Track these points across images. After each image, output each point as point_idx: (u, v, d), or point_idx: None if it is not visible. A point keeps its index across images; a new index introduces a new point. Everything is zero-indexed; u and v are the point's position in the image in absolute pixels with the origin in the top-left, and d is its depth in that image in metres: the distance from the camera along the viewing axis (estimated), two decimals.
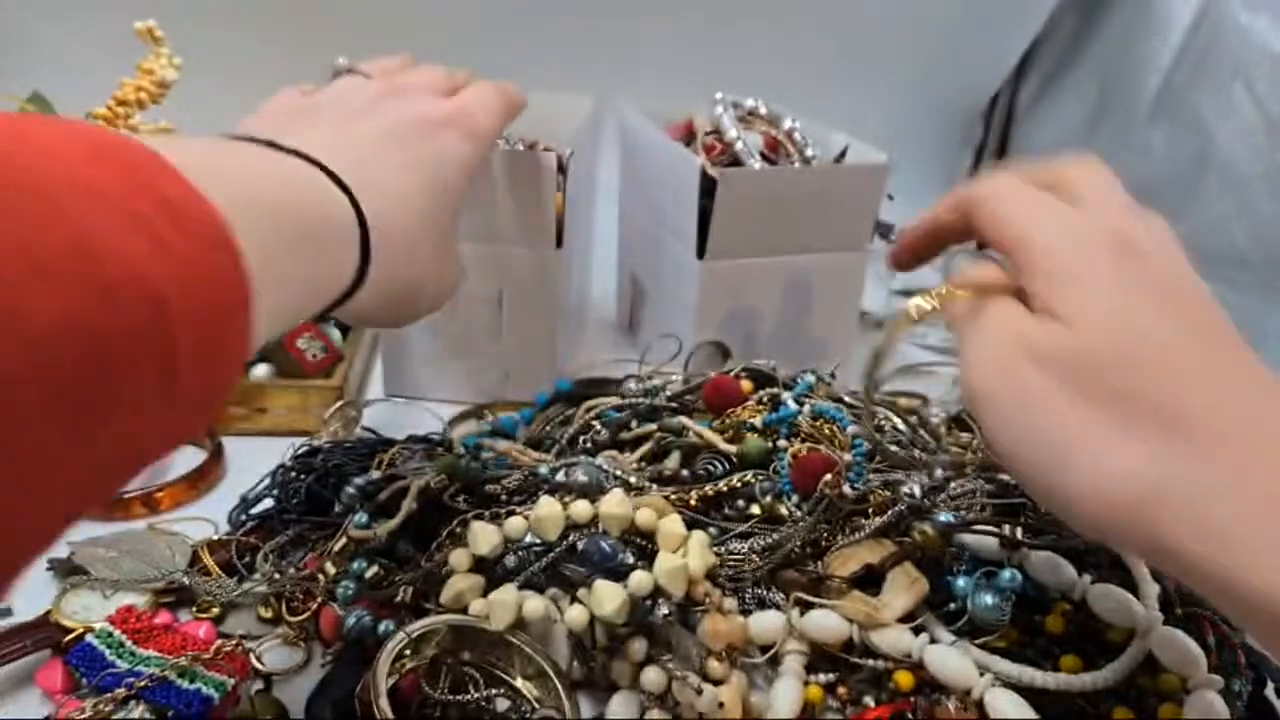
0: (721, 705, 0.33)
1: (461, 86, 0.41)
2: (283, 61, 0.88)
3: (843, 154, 0.56)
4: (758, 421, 0.45)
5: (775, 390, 0.47)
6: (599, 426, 0.47)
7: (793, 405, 0.45)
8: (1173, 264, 0.28)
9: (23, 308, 0.15)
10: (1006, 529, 0.38)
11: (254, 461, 0.46)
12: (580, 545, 0.35)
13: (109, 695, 0.31)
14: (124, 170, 0.19)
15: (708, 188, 0.50)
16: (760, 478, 0.42)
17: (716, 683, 0.33)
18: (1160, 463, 0.23)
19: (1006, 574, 0.36)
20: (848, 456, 0.42)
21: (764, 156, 0.54)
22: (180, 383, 0.19)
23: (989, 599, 0.35)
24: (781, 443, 0.43)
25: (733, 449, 0.43)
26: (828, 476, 0.39)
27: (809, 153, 0.56)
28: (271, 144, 0.28)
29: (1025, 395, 0.26)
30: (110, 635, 0.34)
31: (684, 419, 0.46)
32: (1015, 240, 0.28)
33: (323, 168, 0.28)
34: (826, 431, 0.44)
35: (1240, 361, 0.26)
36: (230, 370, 0.21)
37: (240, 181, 0.23)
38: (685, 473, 0.44)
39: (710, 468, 0.43)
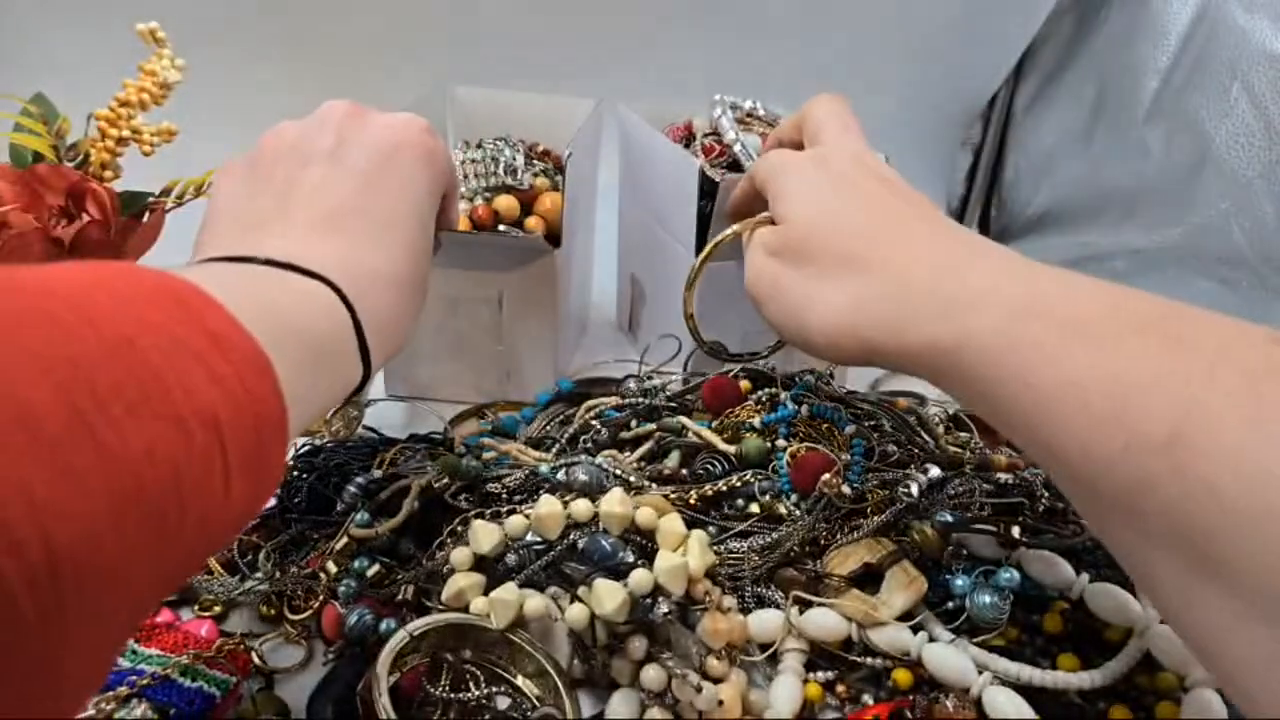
0: (721, 703, 0.33)
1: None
2: (283, 62, 0.88)
3: None
4: (756, 422, 0.45)
5: (774, 390, 0.47)
6: (599, 426, 0.47)
7: (790, 405, 0.45)
8: (850, 166, 0.37)
9: (119, 443, 0.18)
10: (1005, 528, 0.38)
11: None
12: (581, 544, 0.36)
13: (111, 693, 0.31)
14: (178, 310, 0.22)
15: (707, 189, 0.50)
16: (760, 477, 0.42)
17: (716, 681, 0.34)
18: (850, 290, 0.33)
19: (1005, 573, 0.36)
20: (845, 457, 0.42)
21: None
22: (233, 491, 0.22)
23: (987, 598, 0.36)
24: (780, 443, 0.44)
25: (732, 449, 0.44)
26: (826, 476, 0.39)
27: None
28: (285, 265, 0.30)
29: (770, 281, 0.36)
30: None
31: (683, 419, 0.46)
32: (764, 184, 0.39)
33: (329, 284, 0.30)
34: (825, 430, 0.45)
35: (898, 213, 0.35)
36: (272, 479, 0.24)
37: (267, 312, 0.26)
38: (685, 472, 0.44)
39: (709, 467, 0.43)
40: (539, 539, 0.37)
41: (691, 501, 0.41)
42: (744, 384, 0.47)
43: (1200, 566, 0.23)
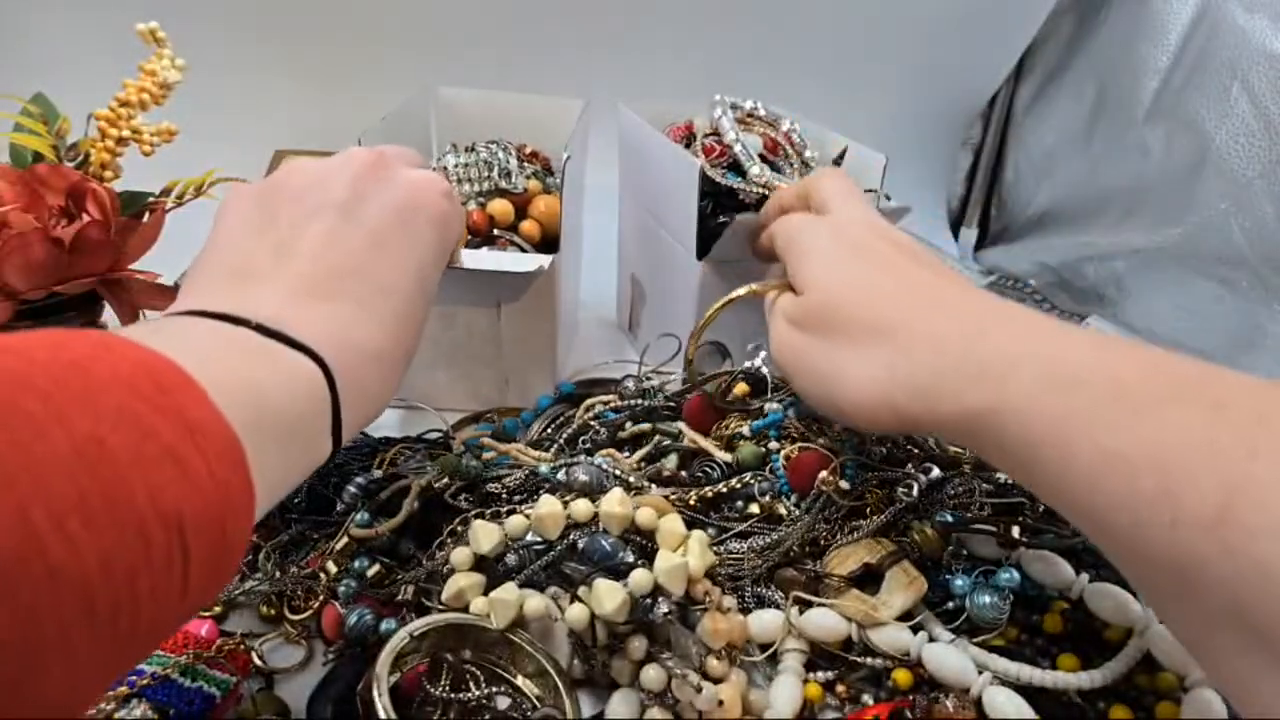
0: (721, 703, 0.33)
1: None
2: (282, 63, 0.89)
3: (842, 155, 0.56)
4: (746, 430, 0.45)
5: (760, 401, 0.47)
6: (597, 427, 0.47)
7: (778, 409, 0.45)
8: (867, 234, 0.37)
9: (73, 560, 0.18)
10: (1004, 528, 0.38)
11: None
12: (581, 544, 0.36)
13: (111, 693, 0.31)
14: (157, 396, 0.21)
15: (708, 189, 0.50)
16: (759, 478, 0.42)
17: (716, 681, 0.34)
18: (880, 360, 0.32)
19: (1004, 574, 0.36)
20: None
21: (763, 158, 0.54)
22: (191, 585, 0.21)
23: (987, 598, 0.36)
24: (773, 444, 0.44)
25: (728, 456, 0.44)
26: (824, 474, 0.39)
27: (807, 154, 0.56)
28: (274, 334, 0.29)
29: (795, 351, 0.36)
30: None
31: (682, 424, 0.47)
32: (783, 249, 0.39)
33: (317, 359, 0.29)
34: (816, 430, 0.45)
35: (921, 280, 0.34)
36: (231, 568, 0.24)
37: (249, 393, 0.25)
38: (684, 474, 0.44)
39: (708, 470, 0.43)
40: (539, 539, 0.37)
41: (691, 502, 0.41)
42: (741, 387, 0.47)
43: (1260, 647, 0.22)
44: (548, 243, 0.55)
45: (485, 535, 0.36)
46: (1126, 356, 0.27)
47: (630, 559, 0.35)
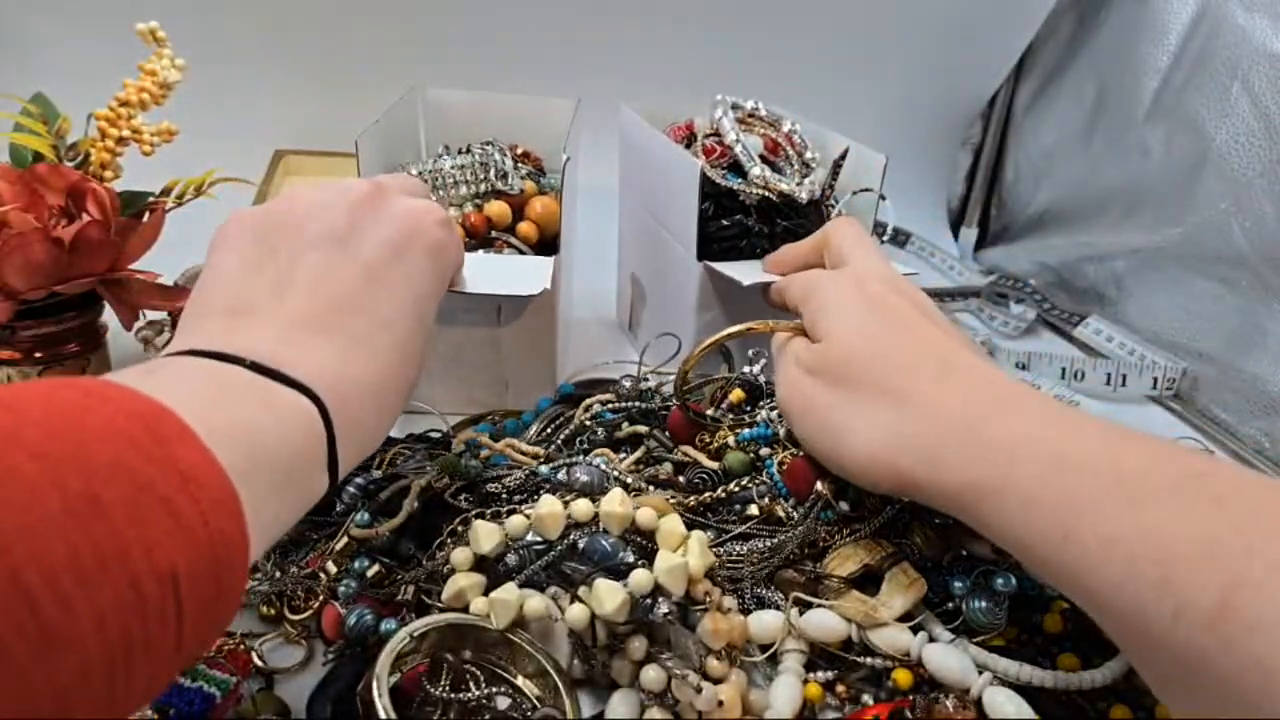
0: (721, 703, 0.33)
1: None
2: (283, 63, 0.88)
3: (843, 155, 0.56)
4: (732, 440, 0.45)
5: (741, 414, 0.46)
6: (595, 427, 0.47)
7: (765, 421, 0.45)
8: (886, 289, 0.38)
9: (66, 621, 0.18)
10: None
11: None
12: (581, 544, 0.36)
13: None
14: (152, 446, 0.21)
15: (708, 190, 0.50)
16: (757, 481, 0.42)
17: (716, 681, 0.34)
18: (888, 421, 0.33)
19: (1000, 579, 0.36)
20: None
21: (763, 159, 0.54)
22: (185, 637, 0.21)
23: (982, 604, 0.36)
24: (764, 450, 0.43)
25: (715, 465, 0.43)
26: (819, 485, 0.39)
27: (808, 155, 0.56)
28: (270, 372, 0.28)
29: (805, 398, 0.37)
30: None
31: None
32: (801, 299, 0.40)
33: (313, 397, 0.29)
34: None
35: (935, 342, 0.35)
36: (226, 615, 0.24)
37: (244, 437, 0.25)
38: (681, 479, 0.44)
39: (704, 477, 0.43)
40: (539, 539, 0.37)
41: (690, 504, 0.41)
42: (737, 393, 0.47)
43: None
44: (545, 244, 0.55)
45: (485, 535, 0.36)
46: (1131, 446, 0.28)
47: (630, 559, 0.35)
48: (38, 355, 0.48)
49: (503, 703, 0.34)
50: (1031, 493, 0.28)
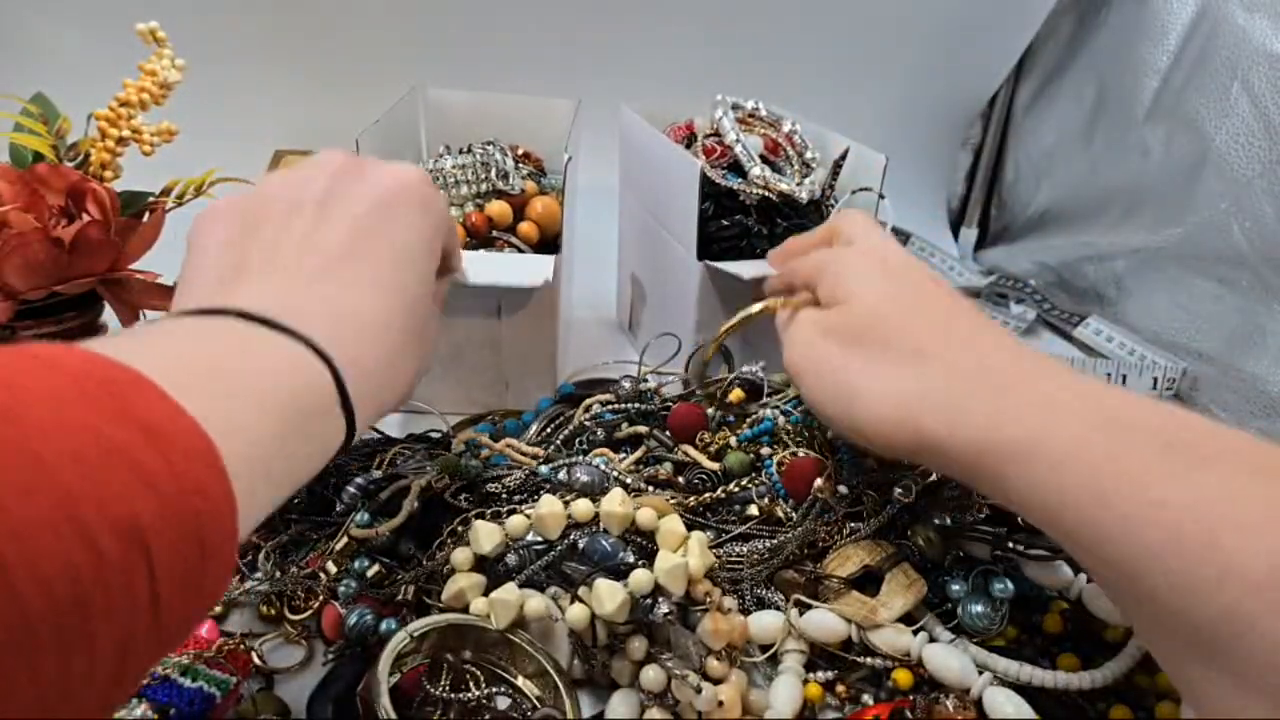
0: (721, 703, 0.33)
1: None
2: (283, 63, 0.88)
3: (843, 156, 0.56)
4: (733, 441, 0.45)
5: (746, 412, 0.46)
6: (594, 427, 0.47)
7: (770, 417, 0.45)
8: (905, 261, 0.38)
9: (5, 578, 0.16)
10: (1006, 532, 0.38)
11: None
12: (581, 544, 0.36)
13: None
14: (107, 401, 0.20)
15: (708, 190, 0.50)
16: (757, 482, 0.42)
17: (716, 681, 0.34)
18: (910, 380, 0.33)
19: (998, 584, 0.36)
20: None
21: (764, 159, 0.54)
22: (163, 608, 0.20)
23: (979, 608, 0.36)
24: (765, 450, 0.43)
25: (715, 466, 0.43)
26: (819, 481, 0.39)
27: (808, 155, 0.56)
28: (260, 320, 0.27)
29: (821, 359, 0.36)
30: None
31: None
32: (812, 276, 0.39)
33: (310, 344, 0.28)
34: (807, 436, 0.44)
35: (962, 309, 0.35)
36: (216, 578, 0.22)
37: (226, 382, 0.24)
38: (681, 479, 0.44)
39: (704, 477, 0.43)
40: (539, 539, 0.37)
41: (690, 504, 0.41)
42: (737, 393, 0.47)
43: None
44: (546, 244, 0.55)
45: (485, 535, 0.36)
46: (1173, 414, 0.28)
47: (630, 559, 0.35)
48: None
49: (503, 703, 0.35)
50: (1067, 453, 0.27)
